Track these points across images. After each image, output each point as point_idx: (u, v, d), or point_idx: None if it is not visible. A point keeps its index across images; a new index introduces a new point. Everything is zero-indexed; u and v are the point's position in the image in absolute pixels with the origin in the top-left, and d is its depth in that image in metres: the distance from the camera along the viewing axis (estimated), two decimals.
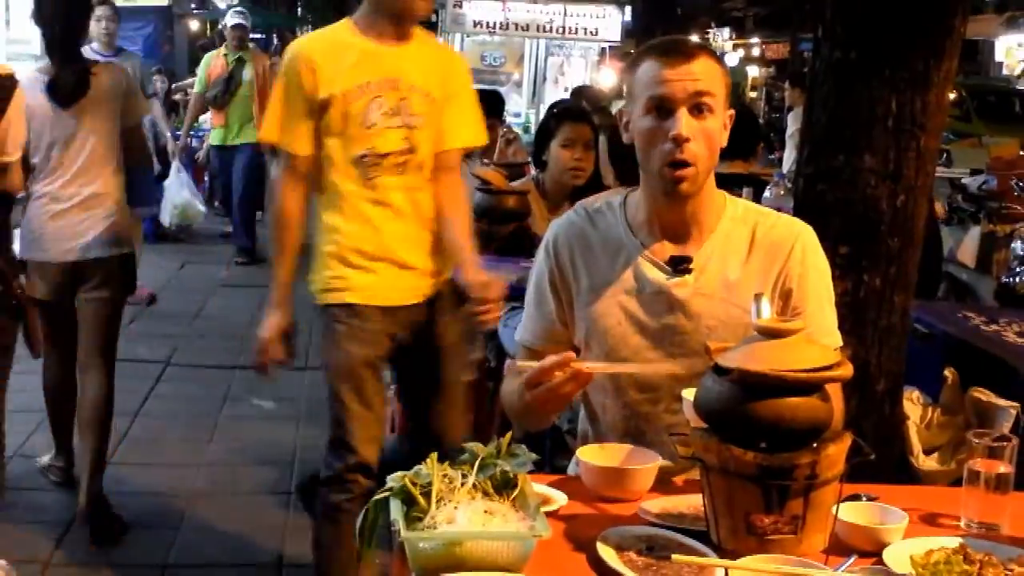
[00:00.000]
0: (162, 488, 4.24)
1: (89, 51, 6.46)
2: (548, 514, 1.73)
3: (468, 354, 3.49)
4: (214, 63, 8.53)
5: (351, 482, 2.96)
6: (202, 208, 7.95)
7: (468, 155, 4.85)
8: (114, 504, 4.04)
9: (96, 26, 6.60)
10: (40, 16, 3.82)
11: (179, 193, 7.75)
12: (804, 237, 2.11)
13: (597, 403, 2.21)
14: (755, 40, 32.11)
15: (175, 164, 7.74)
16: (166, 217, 7.69)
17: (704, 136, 2.00)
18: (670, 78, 1.99)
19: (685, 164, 1.99)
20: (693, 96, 1.98)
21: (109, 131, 3.86)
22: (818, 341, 1.95)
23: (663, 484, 1.96)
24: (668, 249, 2.11)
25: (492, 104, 6.33)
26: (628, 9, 12.41)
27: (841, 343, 2.10)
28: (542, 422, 2.24)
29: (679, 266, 2.09)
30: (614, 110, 8.11)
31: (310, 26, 32.45)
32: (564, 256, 2.16)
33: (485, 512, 1.62)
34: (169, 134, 7.90)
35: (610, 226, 2.15)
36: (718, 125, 2.02)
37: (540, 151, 4.37)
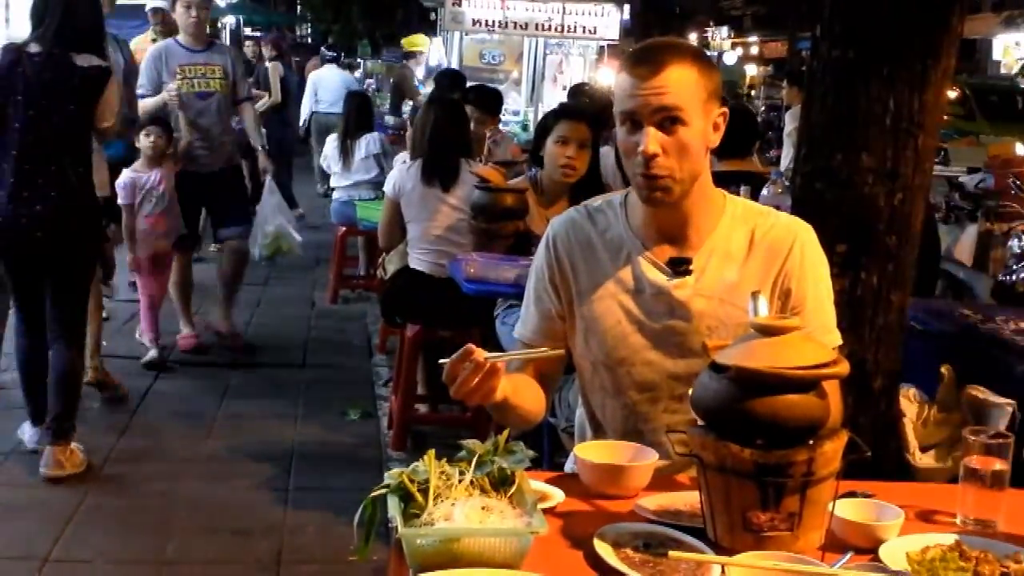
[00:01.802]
0: (160, 485, 4.24)
1: (174, 44, 5.98)
2: (545, 511, 1.73)
3: None
4: (139, 49, 6.49)
5: None
6: (298, 237, 6.61)
7: (467, 154, 4.88)
8: (113, 499, 4.06)
9: (184, 15, 5.91)
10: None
11: (272, 219, 6.37)
12: (803, 236, 2.12)
13: (596, 402, 2.21)
14: (753, 39, 32.15)
15: (268, 183, 6.44)
16: (256, 249, 6.28)
17: (676, 149, 1.98)
18: (636, 93, 1.97)
19: (657, 177, 1.99)
20: (659, 111, 1.97)
21: None
22: (818, 340, 1.95)
23: (662, 482, 1.96)
24: (667, 251, 2.11)
25: (491, 103, 6.34)
26: (627, 8, 12.42)
27: (840, 342, 2.11)
28: (508, 419, 2.11)
29: (679, 267, 2.09)
30: None
31: (309, 24, 32.51)
32: (564, 253, 2.17)
33: (482, 509, 1.62)
34: (261, 147, 6.46)
35: (611, 225, 2.16)
36: (694, 133, 1.99)
37: (537, 148, 4.38)
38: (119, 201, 5.53)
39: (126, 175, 5.63)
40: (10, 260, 4.31)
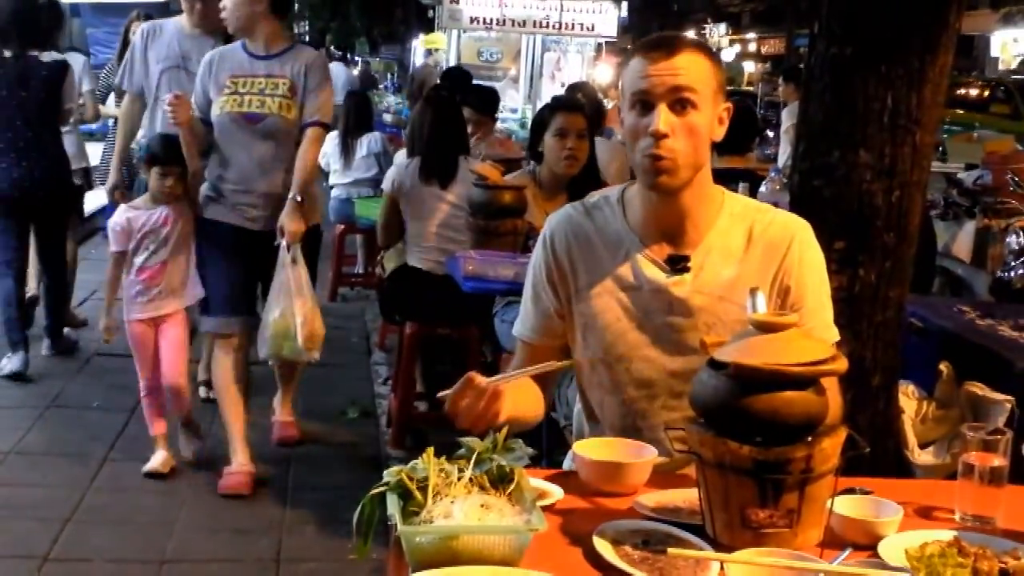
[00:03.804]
0: (160, 484, 4.24)
1: (237, 49, 4.20)
2: (544, 508, 1.73)
3: None
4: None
5: None
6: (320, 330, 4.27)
7: (465, 152, 4.89)
8: (112, 498, 4.06)
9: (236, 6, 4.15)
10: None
11: (304, 299, 4.18)
12: (801, 234, 2.12)
13: (595, 400, 2.21)
14: (751, 36, 32.17)
15: (291, 251, 4.12)
16: (297, 340, 4.13)
17: (686, 131, 1.98)
18: (650, 73, 1.98)
19: (664, 158, 1.99)
20: (673, 91, 1.97)
21: None
22: (816, 336, 1.96)
23: (661, 479, 1.97)
24: (665, 248, 2.11)
25: (488, 103, 6.34)
26: (624, 5, 12.43)
27: (838, 338, 2.11)
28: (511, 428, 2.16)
29: (677, 265, 2.09)
30: (609, 105, 8.11)
31: (307, 22, 32.49)
32: (562, 251, 2.17)
33: (481, 506, 1.62)
34: (295, 198, 4.10)
35: (608, 221, 2.15)
36: (704, 120, 2.00)
37: (535, 143, 4.39)
38: (110, 249, 4.28)
39: (121, 213, 4.24)
40: (12, 214, 5.39)
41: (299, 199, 4.06)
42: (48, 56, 5.41)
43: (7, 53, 5.29)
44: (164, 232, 4.20)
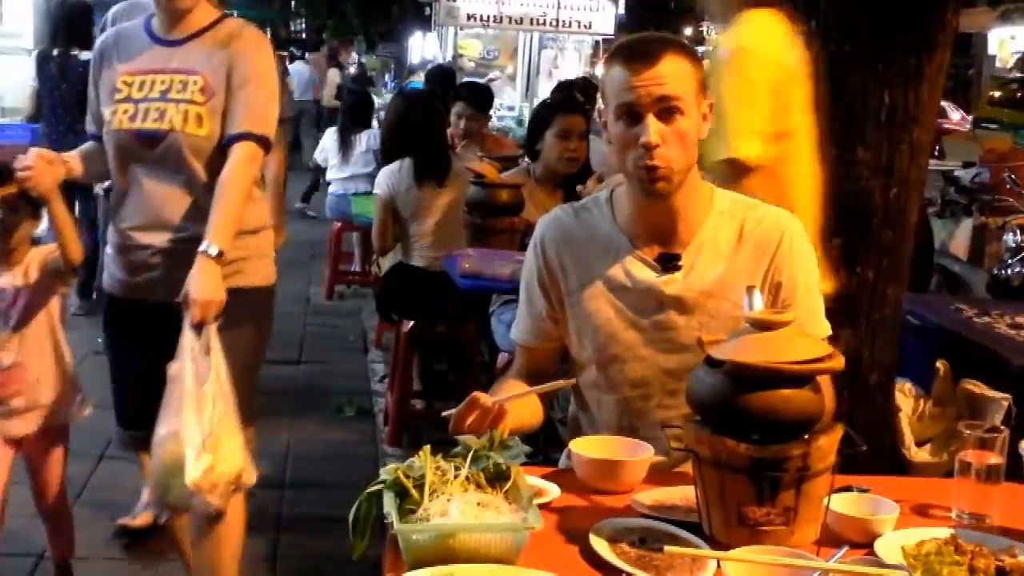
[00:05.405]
0: None
1: (138, 30, 2.84)
2: (541, 506, 1.73)
3: None
4: None
5: None
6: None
7: (449, 147, 4.93)
8: (109, 498, 4.05)
9: None
10: None
11: (197, 425, 2.60)
12: (791, 229, 2.12)
13: (591, 398, 2.21)
14: None
15: (198, 332, 2.67)
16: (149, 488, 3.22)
17: (676, 138, 1.99)
18: (635, 85, 1.98)
19: (658, 167, 1.99)
20: (659, 101, 1.98)
21: None
22: (808, 331, 1.96)
23: (658, 477, 1.96)
24: (656, 247, 2.11)
25: (483, 99, 6.35)
26: (622, 2, 12.44)
27: (830, 332, 2.11)
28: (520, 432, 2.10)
29: (668, 264, 2.09)
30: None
31: (303, 20, 32.45)
32: (552, 255, 2.17)
33: (478, 504, 1.62)
34: (210, 251, 2.61)
35: (597, 223, 2.16)
36: (691, 124, 2.01)
37: (533, 141, 4.40)
38: None
39: None
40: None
41: (215, 252, 2.60)
42: (86, 55, 5.91)
43: (55, 52, 6.21)
44: (13, 315, 2.86)
